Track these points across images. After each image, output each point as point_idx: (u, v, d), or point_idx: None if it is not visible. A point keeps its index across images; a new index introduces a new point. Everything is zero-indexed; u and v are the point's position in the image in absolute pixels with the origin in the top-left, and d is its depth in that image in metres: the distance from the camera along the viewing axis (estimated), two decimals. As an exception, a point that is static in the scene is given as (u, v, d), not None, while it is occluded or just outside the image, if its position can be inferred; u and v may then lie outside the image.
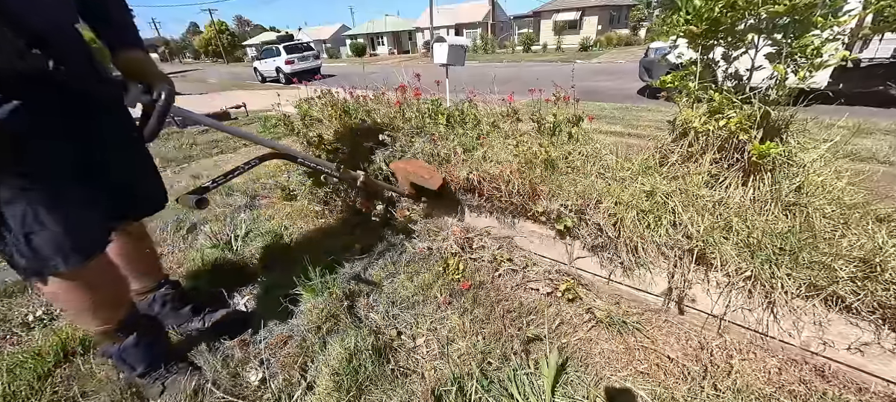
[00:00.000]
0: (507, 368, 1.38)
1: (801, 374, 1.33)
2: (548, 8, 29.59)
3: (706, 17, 1.67)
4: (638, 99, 7.43)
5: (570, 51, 23.71)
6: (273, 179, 3.37)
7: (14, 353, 1.51)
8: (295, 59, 16.34)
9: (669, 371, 1.41)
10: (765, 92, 1.70)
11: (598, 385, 1.35)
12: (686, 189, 1.65)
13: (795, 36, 1.54)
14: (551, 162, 1.95)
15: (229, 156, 4.36)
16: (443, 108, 2.71)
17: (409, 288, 1.81)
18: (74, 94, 1.03)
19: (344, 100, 3.03)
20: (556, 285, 1.80)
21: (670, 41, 1.89)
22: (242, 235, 2.36)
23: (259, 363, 1.45)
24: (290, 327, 1.62)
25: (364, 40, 41.82)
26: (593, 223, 1.69)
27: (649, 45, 7.87)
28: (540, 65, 16.89)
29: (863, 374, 1.28)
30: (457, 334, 1.56)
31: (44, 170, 0.97)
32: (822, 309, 1.29)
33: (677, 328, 1.58)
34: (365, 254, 2.11)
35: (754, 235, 1.44)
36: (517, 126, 2.53)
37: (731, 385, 1.31)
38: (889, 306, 1.18)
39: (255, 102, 8.00)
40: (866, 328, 1.24)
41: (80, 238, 1.04)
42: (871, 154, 3.26)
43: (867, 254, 1.26)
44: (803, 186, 1.63)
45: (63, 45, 0.99)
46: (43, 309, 1.77)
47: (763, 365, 1.38)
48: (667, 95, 2.05)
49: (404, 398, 1.30)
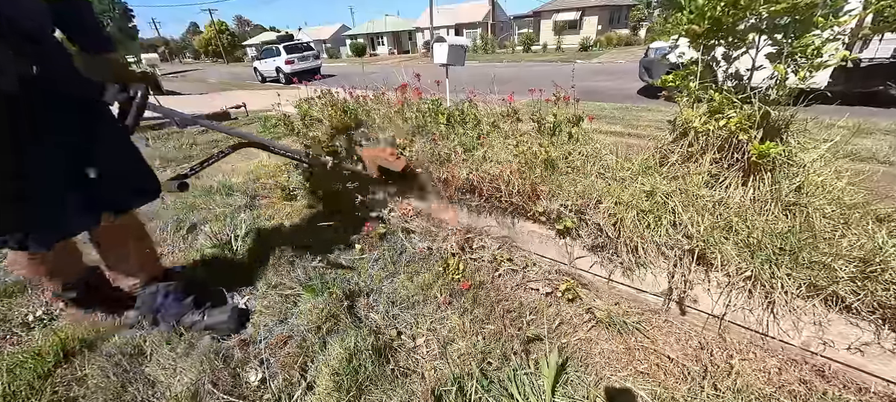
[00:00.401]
0: (507, 368, 1.38)
1: (801, 374, 1.33)
2: (548, 8, 29.59)
3: (708, 16, 1.67)
4: (638, 99, 7.43)
5: (570, 51, 23.71)
6: (273, 179, 3.37)
7: (14, 353, 1.51)
8: (295, 59, 16.33)
9: (669, 371, 1.41)
10: (765, 92, 1.70)
11: (598, 385, 1.35)
12: (686, 189, 1.65)
13: (796, 36, 1.54)
14: (551, 162, 1.95)
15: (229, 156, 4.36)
16: (443, 108, 2.71)
17: (410, 288, 1.81)
18: (59, 95, 1.13)
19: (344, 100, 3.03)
20: (556, 286, 1.80)
21: (671, 40, 1.89)
22: (242, 235, 2.36)
23: (259, 362, 1.45)
24: (290, 327, 1.62)
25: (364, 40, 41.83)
26: (593, 223, 1.69)
27: (649, 45, 7.87)
28: (540, 65, 16.89)
29: (863, 374, 1.28)
30: (457, 334, 1.56)
31: (36, 169, 1.09)
32: (822, 309, 1.29)
33: (677, 328, 1.58)
34: (365, 254, 2.11)
35: (754, 235, 1.44)
36: (517, 126, 2.53)
37: (731, 385, 1.31)
38: (889, 306, 1.18)
39: (255, 101, 8.00)
40: (866, 328, 1.24)
41: (46, 231, 1.19)
42: (871, 154, 3.26)
43: (867, 254, 1.26)
44: (803, 186, 1.63)
45: (49, 48, 1.11)
46: (43, 309, 1.77)
47: (763, 365, 1.38)
48: (667, 94, 2.05)
49: (404, 398, 1.30)
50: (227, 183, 3.26)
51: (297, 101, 3.29)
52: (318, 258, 2.09)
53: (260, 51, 18.55)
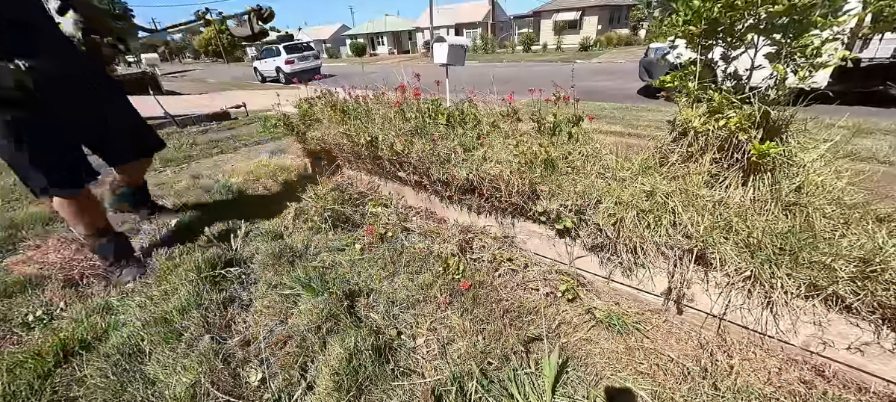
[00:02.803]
0: (507, 368, 1.38)
1: (801, 374, 1.33)
2: (548, 8, 29.58)
3: (705, 16, 1.67)
4: (638, 99, 7.43)
5: (570, 51, 23.71)
6: (273, 178, 3.37)
7: (14, 353, 1.51)
8: (295, 59, 16.31)
9: (669, 371, 1.41)
10: (764, 92, 1.70)
11: (598, 385, 1.35)
12: (686, 189, 1.65)
13: (795, 36, 1.54)
14: (551, 162, 1.95)
15: (229, 156, 4.36)
16: (443, 108, 2.70)
17: (410, 288, 1.82)
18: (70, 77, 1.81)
19: (343, 100, 3.03)
20: (556, 286, 1.80)
21: (668, 41, 1.89)
22: (242, 235, 2.36)
23: (259, 362, 1.45)
24: (290, 327, 1.62)
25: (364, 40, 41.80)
26: (593, 223, 1.69)
27: (649, 45, 7.88)
28: (540, 65, 16.89)
29: (863, 374, 1.28)
30: (457, 334, 1.56)
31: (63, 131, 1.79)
32: (822, 309, 1.29)
33: (677, 328, 1.59)
34: (365, 254, 2.11)
35: (754, 235, 1.44)
36: (517, 126, 2.53)
37: (731, 385, 1.31)
38: (889, 306, 1.18)
39: (255, 101, 8.00)
40: (866, 328, 1.24)
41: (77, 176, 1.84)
42: (871, 154, 3.26)
43: (867, 254, 1.26)
44: (803, 186, 1.63)
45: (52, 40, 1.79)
46: (43, 309, 1.77)
47: (763, 365, 1.38)
48: (666, 95, 2.05)
49: (404, 398, 1.30)
50: (227, 183, 3.26)
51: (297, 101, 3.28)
52: (319, 258, 2.09)
53: (260, 51, 18.53)
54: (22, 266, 2.09)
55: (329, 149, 2.99)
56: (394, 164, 2.51)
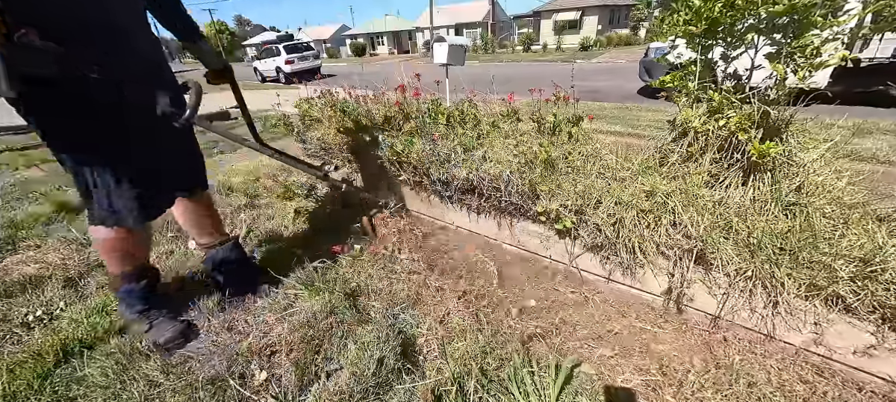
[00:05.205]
0: (507, 367, 1.38)
1: (801, 374, 1.33)
2: (548, 8, 29.57)
3: (705, 16, 1.67)
4: (638, 99, 7.42)
5: (570, 50, 23.71)
6: (273, 179, 3.37)
7: (14, 353, 1.51)
8: (295, 59, 16.32)
9: (670, 371, 1.41)
10: (764, 92, 1.70)
11: (598, 385, 1.35)
12: (686, 189, 1.65)
13: (795, 36, 1.54)
14: (551, 162, 1.95)
15: (229, 156, 4.36)
16: (443, 108, 2.71)
17: (410, 288, 1.81)
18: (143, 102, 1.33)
19: (343, 100, 3.03)
20: (556, 286, 1.80)
21: (669, 41, 1.89)
22: (243, 235, 2.36)
23: (263, 361, 1.45)
24: (292, 326, 1.61)
25: (364, 40, 41.80)
26: (593, 223, 1.69)
27: (649, 45, 7.87)
28: (540, 64, 16.88)
29: (863, 374, 1.28)
30: (457, 334, 1.56)
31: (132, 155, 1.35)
32: (823, 309, 1.29)
33: (677, 328, 1.58)
34: (365, 253, 2.11)
35: (754, 235, 1.44)
36: (517, 126, 2.53)
37: (731, 385, 1.31)
38: (889, 306, 1.18)
39: (255, 101, 7.98)
40: (866, 328, 1.24)
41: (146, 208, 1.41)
42: (871, 154, 3.26)
43: (867, 254, 1.26)
44: (803, 186, 1.63)
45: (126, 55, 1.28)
46: (43, 309, 1.77)
47: (763, 365, 1.38)
48: (666, 94, 2.05)
49: (404, 398, 1.30)
50: (227, 183, 3.25)
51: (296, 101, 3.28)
52: (319, 258, 2.09)
53: (260, 50, 18.53)
54: (22, 266, 2.09)
55: (329, 148, 2.99)
56: (394, 164, 2.52)
